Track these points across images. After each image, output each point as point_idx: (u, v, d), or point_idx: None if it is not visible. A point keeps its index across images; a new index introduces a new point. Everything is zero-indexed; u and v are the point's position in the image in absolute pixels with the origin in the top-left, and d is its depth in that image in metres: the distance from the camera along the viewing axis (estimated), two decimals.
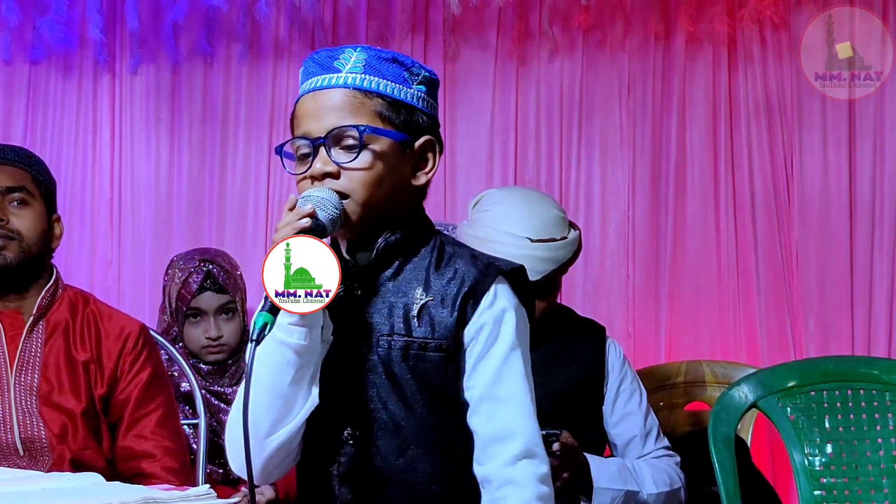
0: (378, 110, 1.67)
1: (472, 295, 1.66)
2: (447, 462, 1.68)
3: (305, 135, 1.68)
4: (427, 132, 1.72)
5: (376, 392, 1.67)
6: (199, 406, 2.67)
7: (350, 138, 1.65)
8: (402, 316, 1.67)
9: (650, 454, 2.51)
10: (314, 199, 1.61)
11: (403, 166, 1.69)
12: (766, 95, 3.32)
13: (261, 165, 3.47)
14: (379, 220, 1.68)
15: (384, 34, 3.44)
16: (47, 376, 2.34)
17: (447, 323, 1.66)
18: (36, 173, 2.47)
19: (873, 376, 2.39)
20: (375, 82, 1.67)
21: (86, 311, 2.44)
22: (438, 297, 1.67)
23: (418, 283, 1.68)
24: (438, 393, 1.68)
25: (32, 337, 2.37)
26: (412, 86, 1.70)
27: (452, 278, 1.68)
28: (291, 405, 1.63)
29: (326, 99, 1.68)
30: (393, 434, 1.67)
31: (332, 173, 1.64)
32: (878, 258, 3.24)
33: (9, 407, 2.30)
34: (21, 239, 2.37)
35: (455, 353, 1.67)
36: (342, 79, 1.67)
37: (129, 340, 2.42)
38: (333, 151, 1.65)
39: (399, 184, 1.69)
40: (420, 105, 1.71)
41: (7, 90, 3.51)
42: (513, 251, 2.35)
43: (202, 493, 1.57)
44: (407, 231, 1.70)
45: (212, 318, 2.88)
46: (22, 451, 2.29)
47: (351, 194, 1.64)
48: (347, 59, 1.69)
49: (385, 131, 1.66)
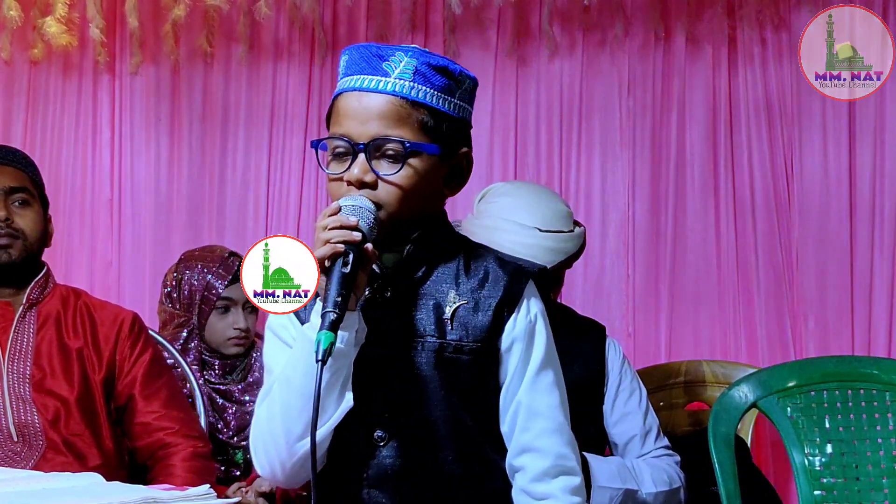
0: (422, 120, 1.64)
1: (506, 301, 1.67)
2: (477, 464, 1.68)
3: (346, 136, 1.65)
4: (463, 143, 1.71)
5: (407, 394, 1.66)
6: (199, 404, 2.70)
7: (392, 150, 1.63)
8: (435, 318, 1.66)
9: (650, 453, 2.51)
10: (352, 210, 1.59)
11: (438, 177, 1.69)
12: (766, 96, 3.32)
13: (261, 165, 3.47)
14: (408, 226, 1.68)
15: (384, 34, 3.44)
16: (40, 363, 2.41)
17: (482, 327, 1.66)
18: (33, 174, 2.56)
19: (873, 376, 2.39)
20: (423, 92, 1.65)
21: (78, 302, 2.52)
22: (472, 300, 1.67)
23: (449, 286, 1.68)
24: (470, 395, 1.68)
25: (24, 326, 2.44)
26: (456, 96, 1.68)
27: (484, 281, 1.68)
28: (325, 407, 1.59)
29: (372, 103, 1.64)
30: (424, 436, 1.66)
31: (370, 183, 1.63)
32: (878, 258, 3.24)
33: (2, 393, 2.36)
34: (24, 238, 2.47)
35: (488, 357, 1.67)
36: (390, 84, 1.64)
37: (125, 325, 2.50)
38: (374, 161, 1.63)
39: (432, 194, 1.69)
40: (460, 115, 1.70)
41: (7, 90, 3.51)
42: (521, 240, 2.37)
43: (202, 493, 1.57)
44: (435, 234, 1.71)
45: (241, 310, 2.89)
46: (16, 437, 2.35)
47: (385, 206, 1.63)
48: (397, 64, 1.65)
49: (427, 146, 1.64)
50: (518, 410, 1.67)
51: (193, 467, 2.40)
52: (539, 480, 1.66)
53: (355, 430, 1.66)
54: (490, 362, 1.68)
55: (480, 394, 1.69)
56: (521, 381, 1.68)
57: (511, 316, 1.67)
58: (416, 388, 1.65)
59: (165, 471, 2.40)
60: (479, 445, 1.69)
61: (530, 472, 1.66)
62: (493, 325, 1.66)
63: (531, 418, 1.67)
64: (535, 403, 1.67)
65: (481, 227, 2.44)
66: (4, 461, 2.29)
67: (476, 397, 1.68)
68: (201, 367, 2.91)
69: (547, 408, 1.68)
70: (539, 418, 1.67)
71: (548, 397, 1.68)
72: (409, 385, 1.65)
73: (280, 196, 3.45)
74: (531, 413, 1.67)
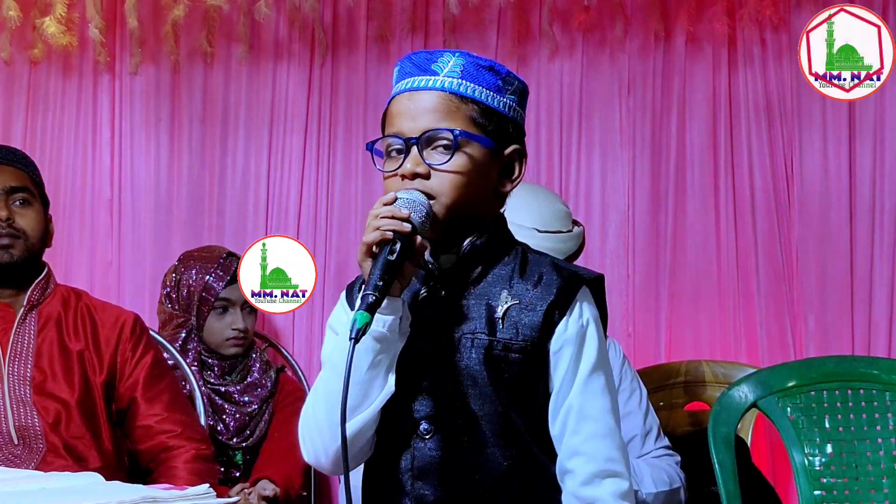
0: (472, 116, 1.69)
1: (558, 304, 1.69)
2: (522, 461, 1.69)
3: (398, 133, 1.70)
4: (515, 141, 1.75)
5: (455, 389, 1.68)
6: (198, 405, 2.69)
7: (444, 140, 1.67)
8: (486, 317, 1.69)
9: (650, 453, 2.51)
10: (406, 202, 1.63)
11: (491, 173, 1.72)
12: (766, 95, 3.32)
13: (261, 165, 3.47)
14: (464, 223, 1.71)
15: (384, 34, 3.44)
16: (40, 366, 2.41)
17: (532, 326, 1.68)
18: (33, 174, 2.56)
19: (873, 376, 2.39)
20: (471, 88, 1.70)
21: (79, 304, 2.52)
22: (524, 301, 1.69)
23: (503, 287, 1.71)
24: (517, 394, 1.69)
25: (24, 328, 2.43)
26: (505, 95, 1.73)
27: (537, 284, 1.71)
28: (367, 392, 1.64)
29: (422, 100, 1.70)
30: (469, 431, 1.67)
31: (423, 174, 1.67)
32: (878, 258, 3.24)
33: (2, 396, 2.36)
34: (26, 238, 2.46)
35: (538, 358, 1.69)
36: (439, 82, 1.70)
37: (126, 328, 2.50)
38: (426, 153, 1.67)
39: (486, 189, 1.72)
40: (511, 114, 1.74)
41: (7, 90, 3.51)
42: (519, 241, 2.37)
43: (202, 493, 1.57)
44: (491, 236, 1.74)
45: (239, 310, 2.89)
46: (16, 440, 2.34)
47: (439, 196, 1.67)
48: (445, 63, 1.71)
49: (478, 137, 1.69)
50: (569, 413, 1.68)
51: (196, 469, 2.40)
52: (588, 484, 1.67)
53: (403, 422, 1.69)
54: (539, 362, 1.69)
55: (529, 393, 1.70)
56: (571, 383, 1.69)
57: (563, 319, 1.69)
58: (464, 383, 1.67)
59: (168, 473, 2.40)
60: (525, 444, 1.70)
61: (579, 475, 1.67)
62: (543, 326, 1.68)
63: (581, 421, 1.68)
64: (586, 407, 1.68)
65: None
66: (4, 464, 2.29)
67: (524, 396, 1.70)
68: (201, 368, 2.91)
69: (598, 411, 1.68)
70: (589, 421, 1.68)
71: (599, 400, 1.69)
72: (457, 380, 1.66)
73: (280, 196, 3.45)
74: (581, 416, 1.68)
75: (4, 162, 2.49)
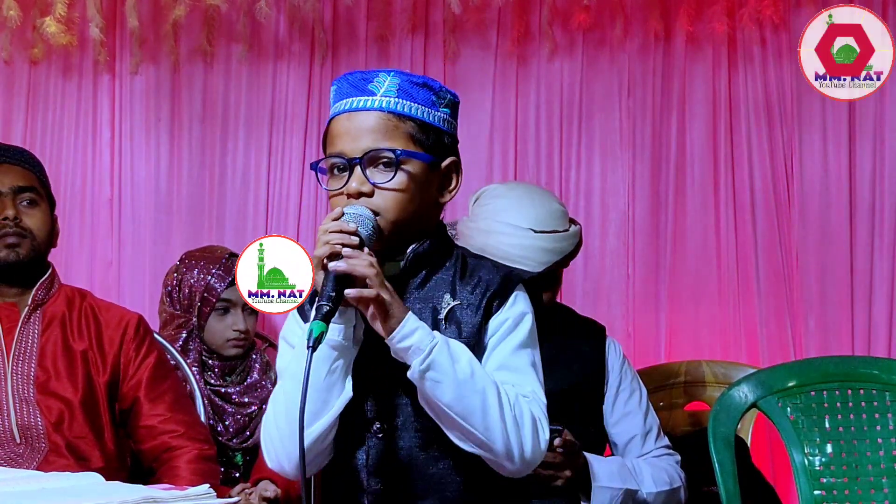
0: (410, 133, 1.77)
1: (497, 296, 1.77)
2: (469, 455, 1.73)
3: (341, 154, 1.77)
4: (451, 152, 1.83)
5: (403, 389, 1.74)
6: (199, 405, 2.70)
7: (385, 159, 1.75)
8: (430, 318, 1.76)
9: (650, 453, 2.51)
10: (353, 217, 1.71)
11: (431, 186, 1.81)
12: (766, 95, 3.32)
13: (261, 165, 3.47)
14: (408, 234, 1.78)
15: (384, 34, 3.44)
16: (44, 365, 2.41)
17: (473, 323, 1.76)
18: (40, 174, 2.57)
19: (873, 376, 2.39)
20: (408, 106, 1.77)
21: (83, 304, 2.53)
22: (465, 302, 1.78)
23: (445, 291, 1.79)
24: None
25: (28, 328, 2.44)
26: (439, 109, 1.81)
27: (477, 285, 1.79)
28: (326, 398, 1.71)
29: (362, 120, 1.77)
30: (418, 428, 1.76)
31: (367, 193, 1.74)
32: (878, 258, 3.24)
33: (5, 395, 2.36)
34: (33, 237, 2.48)
35: (479, 352, 1.75)
36: (377, 102, 1.77)
37: (130, 328, 2.51)
38: (369, 171, 1.75)
39: (427, 202, 1.80)
40: (446, 127, 1.82)
41: (7, 90, 3.51)
42: (516, 241, 2.38)
43: (202, 493, 1.58)
44: (433, 242, 1.81)
45: (240, 311, 2.89)
46: (19, 439, 2.35)
47: (384, 213, 1.74)
48: (382, 83, 1.78)
49: (417, 154, 1.76)
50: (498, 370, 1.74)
51: (199, 469, 2.41)
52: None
53: (357, 422, 1.77)
54: (481, 357, 1.76)
55: None
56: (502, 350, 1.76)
57: (500, 308, 1.77)
58: (411, 383, 1.71)
59: (171, 473, 2.40)
60: None
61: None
62: (483, 318, 1.77)
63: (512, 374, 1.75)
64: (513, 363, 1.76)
65: (476, 230, 2.44)
66: (6, 463, 2.30)
67: None
68: (201, 369, 2.91)
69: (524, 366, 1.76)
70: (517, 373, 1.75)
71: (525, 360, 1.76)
72: (405, 380, 1.71)
73: (280, 196, 3.45)
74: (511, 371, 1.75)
75: (12, 162, 2.51)
